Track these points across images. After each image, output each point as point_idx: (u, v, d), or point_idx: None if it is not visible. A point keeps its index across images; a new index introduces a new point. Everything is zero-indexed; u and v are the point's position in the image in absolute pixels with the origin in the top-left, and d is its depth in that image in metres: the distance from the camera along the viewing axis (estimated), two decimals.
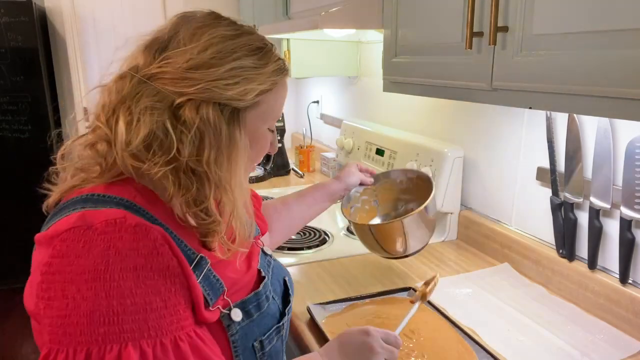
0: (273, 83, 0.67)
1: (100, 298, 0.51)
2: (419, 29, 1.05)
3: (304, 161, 2.30)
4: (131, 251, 0.53)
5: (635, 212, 0.92)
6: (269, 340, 0.70)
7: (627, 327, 0.94)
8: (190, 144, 0.58)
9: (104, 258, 0.52)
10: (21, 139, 2.87)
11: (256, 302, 0.69)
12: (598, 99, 0.65)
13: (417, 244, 1.09)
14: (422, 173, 1.18)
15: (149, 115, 0.58)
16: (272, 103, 0.69)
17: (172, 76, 0.60)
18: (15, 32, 2.72)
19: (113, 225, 0.54)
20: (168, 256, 0.56)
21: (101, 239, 0.53)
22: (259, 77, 0.64)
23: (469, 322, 0.98)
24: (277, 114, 0.72)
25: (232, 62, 0.62)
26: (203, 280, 0.61)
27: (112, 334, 0.51)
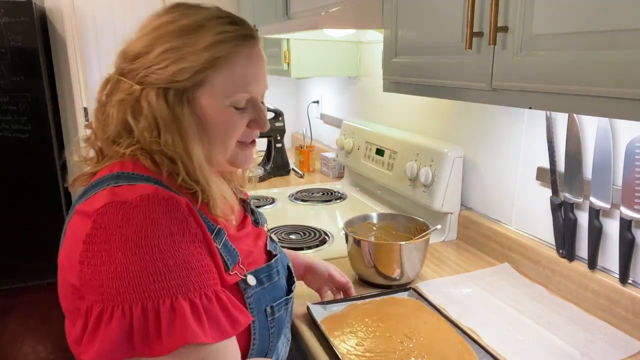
0: (212, 57, 0.66)
1: (145, 261, 0.58)
2: (419, 29, 1.05)
3: (304, 161, 2.30)
4: (165, 221, 0.60)
5: (635, 212, 0.92)
6: (278, 308, 0.77)
7: (627, 327, 0.94)
8: (149, 129, 0.66)
9: (143, 227, 0.59)
10: (21, 139, 2.87)
11: (267, 273, 0.77)
12: (598, 99, 0.65)
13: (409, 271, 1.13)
14: (426, 223, 1.20)
15: (117, 108, 0.67)
16: (226, 77, 0.68)
17: (128, 68, 0.68)
18: (15, 32, 2.72)
19: (147, 199, 0.61)
20: (195, 225, 0.64)
21: (137, 211, 0.60)
22: (190, 56, 0.66)
23: (469, 322, 0.98)
24: (239, 88, 0.70)
25: (161, 46, 0.66)
26: (223, 247, 0.69)
27: (162, 290, 0.58)
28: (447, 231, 1.42)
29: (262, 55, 0.74)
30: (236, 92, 0.70)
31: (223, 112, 0.70)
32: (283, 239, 1.44)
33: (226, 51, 0.67)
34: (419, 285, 1.13)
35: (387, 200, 1.72)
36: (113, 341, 0.56)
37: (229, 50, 0.68)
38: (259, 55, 0.73)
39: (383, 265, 1.10)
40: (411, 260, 1.11)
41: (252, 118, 0.74)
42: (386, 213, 1.34)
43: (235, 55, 0.68)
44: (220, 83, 0.68)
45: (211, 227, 0.68)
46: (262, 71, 0.74)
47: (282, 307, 0.78)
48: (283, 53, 1.96)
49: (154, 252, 0.58)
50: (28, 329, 2.66)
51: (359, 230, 1.24)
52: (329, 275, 1.04)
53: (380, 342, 0.90)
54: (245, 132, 0.74)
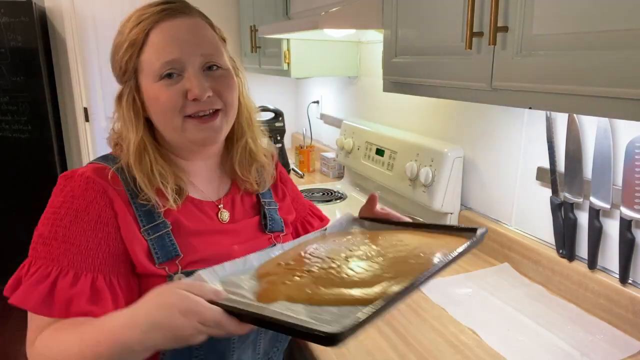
0: (133, 43, 0.73)
1: (47, 226, 0.69)
2: (419, 29, 1.05)
3: (304, 161, 2.30)
4: (78, 196, 0.70)
5: (635, 212, 0.92)
6: None
7: (627, 327, 0.94)
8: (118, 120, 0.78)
9: (64, 198, 0.70)
10: (21, 139, 2.86)
11: None
12: (598, 99, 0.65)
13: None
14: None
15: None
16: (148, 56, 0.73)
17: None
18: (15, 32, 2.72)
19: (79, 176, 0.71)
20: (103, 207, 0.70)
21: (69, 184, 0.71)
22: (121, 47, 0.74)
23: (469, 322, 0.98)
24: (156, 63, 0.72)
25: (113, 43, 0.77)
26: (157, 240, 0.73)
27: (43, 254, 0.68)
28: None
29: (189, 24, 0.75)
30: (156, 64, 0.73)
31: (157, 88, 0.73)
32: None
33: (141, 31, 0.73)
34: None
35: (387, 200, 1.72)
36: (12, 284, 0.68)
37: (144, 29, 0.73)
38: (182, 26, 0.74)
39: None
40: None
41: (187, 88, 0.73)
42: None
43: (152, 32, 0.73)
44: (147, 62, 0.73)
45: (153, 218, 0.73)
46: (188, 39, 0.74)
47: None
48: (283, 53, 1.96)
49: (56, 220, 0.69)
50: None
51: None
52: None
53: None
54: (186, 104, 0.74)
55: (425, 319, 1.01)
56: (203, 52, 0.74)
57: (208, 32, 0.78)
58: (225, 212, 0.84)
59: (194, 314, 0.52)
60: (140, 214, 0.73)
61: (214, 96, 0.75)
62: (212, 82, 0.75)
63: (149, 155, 0.75)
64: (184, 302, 0.53)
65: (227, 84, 0.78)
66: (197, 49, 0.74)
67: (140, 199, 0.73)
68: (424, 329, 0.97)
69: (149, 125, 0.79)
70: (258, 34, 1.91)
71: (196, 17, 0.77)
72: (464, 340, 0.93)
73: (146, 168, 0.74)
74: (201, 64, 0.75)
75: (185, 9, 0.76)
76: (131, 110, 0.75)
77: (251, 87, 0.90)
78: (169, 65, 0.72)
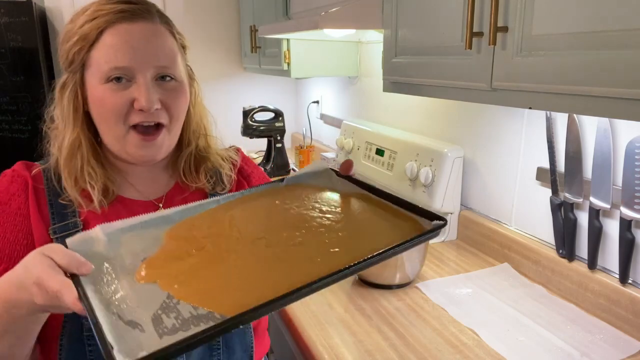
0: (83, 37, 0.70)
1: None
2: (419, 29, 1.05)
3: (304, 161, 2.30)
4: (4, 190, 0.73)
5: (635, 212, 0.92)
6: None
7: (627, 327, 0.94)
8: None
9: None
10: (21, 139, 2.86)
11: None
12: (598, 99, 0.65)
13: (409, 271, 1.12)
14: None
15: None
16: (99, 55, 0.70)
17: None
18: (15, 32, 2.72)
19: (10, 171, 0.75)
20: (24, 200, 0.72)
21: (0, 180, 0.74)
22: (71, 38, 0.71)
23: (469, 322, 0.98)
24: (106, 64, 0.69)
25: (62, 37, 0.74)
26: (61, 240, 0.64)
27: None
28: (447, 231, 1.42)
29: (146, 30, 0.71)
30: (106, 66, 0.69)
31: (103, 90, 0.70)
32: None
33: (94, 28, 0.69)
34: (419, 286, 1.14)
35: None
36: None
37: (98, 26, 0.69)
38: (137, 30, 0.70)
39: (383, 265, 1.10)
40: (411, 260, 1.11)
41: (134, 96, 0.70)
42: None
43: (107, 31, 0.69)
44: (96, 61, 0.70)
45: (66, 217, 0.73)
46: (141, 44, 0.70)
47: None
48: (283, 53, 1.96)
49: None
50: None
51: None
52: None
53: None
54: (131, 111, 0.71)
55: (425, 319, 1.01)
56: (157, 63, 0.71)
57: (167, 40, 0.74)
58: None
59: (38, 278, 0.52)
60: (53, 211, 0.73)
61: (162, 109, 0.72)
62: (161, 94, 0.72)
63: (82, 154, 0.74)
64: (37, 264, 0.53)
65: (177, 97, 0.74)
66: (151, 60, 0.71)
67: (62, 199, 0.73)
68: (424, 329, 0.97)
69: (88, 120, 0.75)
70: (258, 34, 1.91)
71: (156, 23, 0.73)
72: (464, 340, 0.93)
73: (75, 168, 0.73)
74: (153, 75, 0.72)
75: (145, 12, 0.72)
76: (71, 104, 0.73)
77: (251, 87, 0.90)
78: (118, 71, 0.69)
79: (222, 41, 2.58)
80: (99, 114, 0.72)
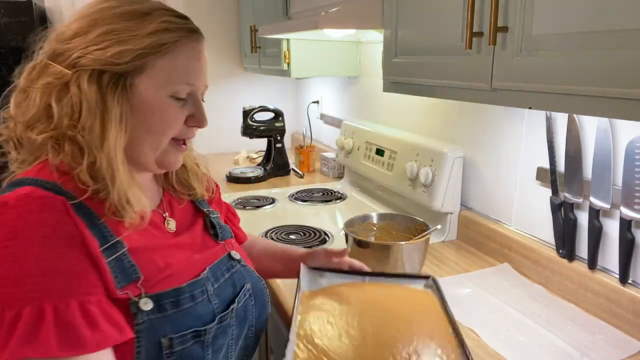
0: (156, 44, 0.65)
1: (7, 263, 0.55)
2: (419, 29, 1.05)
3: (304, 161, 2.30)
4: (39, 221, 0.57)
5: (635, 212, 0.92)
6: (181, 341, 0.66)
7: (627, 327, 0.94)
8: (70, 113, 0.63)
9: (13, 228, 0.56)
10: None
11: (174, 299, 0.67)
12: (598, 99, 0.65)
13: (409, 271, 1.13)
14: (426, 223, 1.20)
15: (41, 92, 0.64)
16: (168, 66, 0.67)
17: (60, 51, 0.65)
18: (15, 32, 2.72)
19: (23, 199, 0.58)
20: (71, 227, 0.59)
21: (12, 212, 0.57)
22: (134, 39, 0.64)
23: (469, 322, 0.98)
24: (180, 79, 0.68)
25: (102, 27, 0.64)
26: (115, 262, 0.62)
27: (14, 296, 0.54)
28: (447, 231, 1.42)
29: (205, 54, 0.73)
30: (177, 82, 0.68)
31: (162, 101, 0.68)
32: (283, 239, 1.44)
33: (171, 40, 0.66)
34: None
35: (387, 200, 1.72)
36: None
37: (174, 39, 0.67)
38: (203, 53, 0.72)
39: (383, 266, 1.10)
40: (411, 261, 1.11)
41: (191, 113, 0.71)
42: (386, 213, 1.34)
43: (179, 45, 0.67)
44: (161, 71, 0.66)
45: (107, 237, 0.63)
46: (204, 68, 0.72)
47: (190, 339, 0.67)
48: (283, 53, 1.96)
49: (18, 254, 0.55)
50: None
51: (359, 230, 1.24)
52: (325, 252, 0.95)
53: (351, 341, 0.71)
54: (182, 129, 0.72)
55: None
56: (206, 84, 0.74)
57: None
58: (171, 221, 0.78)
59: None
60: (95, 232, 0.62)
61: None
62: None
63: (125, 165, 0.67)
64: None
65: None
66: (205, 81, 0.73)
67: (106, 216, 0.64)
68: None
69: None
70: (258, 34, 1.91)
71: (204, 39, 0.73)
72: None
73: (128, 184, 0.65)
74: (202, 94, 0.74)
75: (199, 30, 0.72)
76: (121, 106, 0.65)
77: (251, 87, 0.90)
78: (189, 88, 0.70)
79: (222, 41, 2.58)
80: (152, 124, 0.68)
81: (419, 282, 0.92)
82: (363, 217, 1.27)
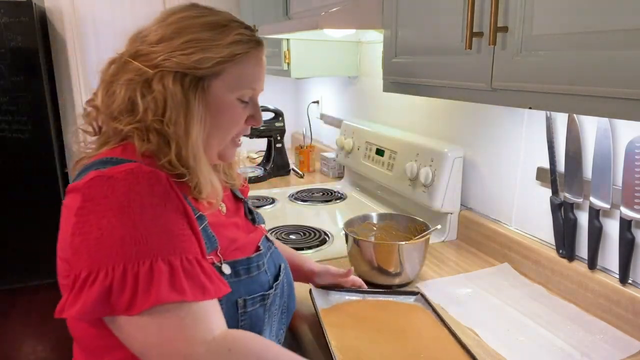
0: (232, 54, 0.74)
1: (128, 227, 0.61)
2: (419, 29, 1.05)
3: (304, 161, 2.30)
4: (147, 192, 0.64)
5: (635, 212, 0.92)
6: (252, 302, 0.77)
7: (627, 327, 0.94)
8: (155, 108, 0.70)
9: (126, 197, 0.63)
10: (21, 139, 2.87)
11: (247, 266, 0.78)
12: (598, 99, 0.65)
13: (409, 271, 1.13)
14: (425, 223, 1.20)
15: (126, 87, 0.71)
16: (239, 72, 0.76)
17: (144, 52, 0.72)
18: (15, 32, 2.72)
19: (131, 173, 0.64)
20: (176, 198, 0.67)
21: (122, 183, 0.63)
22: (215, 48, 0.73)
23: (469, 322, 0.98)
24: (246, 84, 0.77)
25: (188, 35, 0.72)
26: (203, 232, 0.71)
27: (143, 253, 0.61)
28: (447, 231, 1.42)
29: (265, 61, 0.82)
30: (244, 87, 0.77)
31: (231, 103, 0.77)
32: (283, 239, 1.44)
33: (244, 50, 0.75)
34: (419, 286, 1.14)
35: (387, 200, 1.72)
36: (94, 300, 0.59)
37: (246, 50, 0.75)
38: (264, 60, 0.81)
39: (383, 266, 1.10)
40: (411, 261, 1.11)
41: (251, 114, 0.81)
42: (386, 213, 1.34)
43: (249, 55, 0.76)
44: (233, 77, 0.75)
45: (195, 211, 0.71)
46: (264, 74, 0.81)
47: (257, 302, 0.78)
48: (283, 53, 1.96)
49: (137, 218, 0.62)
50: (28, 329, 2.66)
51: (359, 230, 1.24)
52: (332, 274, 1.05)
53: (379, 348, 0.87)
54: (242, 127, 0.81)
55: None
56: (263, 87, 0.82)
57: None
58: (223, 205, 0.86)
59: None
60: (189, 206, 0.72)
61: None
62: None
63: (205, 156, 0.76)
64: None
65: None
66: (263, 84, 0.82)
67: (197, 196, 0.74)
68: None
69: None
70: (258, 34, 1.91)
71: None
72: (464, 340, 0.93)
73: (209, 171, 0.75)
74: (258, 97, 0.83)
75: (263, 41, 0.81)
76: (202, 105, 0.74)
77: None
78: (251, 92, 0.79)
79: None
80: (221, 122, 0.77)
81: (410, 297, 1.05)
82: (363, 217, 1.27)
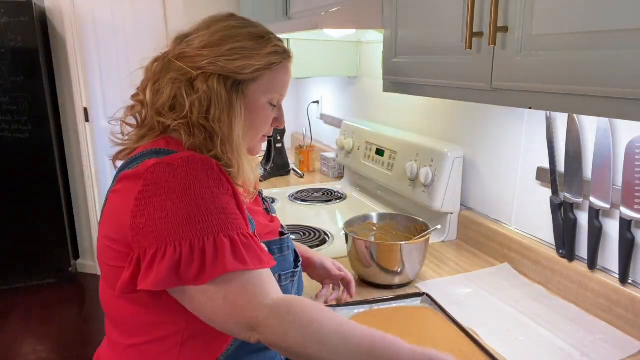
0: (269, 62, 0.82)
1: (191, 206, 0.69)
2: (419, 29, 1.05)
3: (304, 161, 2.31)
4: (204, 176, 0.72)
5: (635, 212, 0.92)
6: (285, 277, 0.87)
7: (627, 327, 0.94)
8: (199, 106, 0.77)
9: (186, 181, 0.70)
10: (21, 139, 2.87)
11: (279, 246, 0.88)
12: (598, 99, 0.65)
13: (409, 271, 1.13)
14: (426, 223, 1.20)
15: (171, 85, 0.78)
16: (272, 79, 0.84)
17: (190, 55, 0.79)
18: (15, 32, 2.73)
19: (187, 160, 0.72)
20: (227, 182, 0.74)
21: (181, 170, 0.71)
22: (256, 57, 0.80)
23: (469, 322, 0.98)
24: (277, 90, 0.86)
25: (233, 43, 0.80)
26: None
27: (206, 229, 0.68)
28: (447, 231, 1.42)
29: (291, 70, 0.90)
30: (275, 92, 0.86)
31: (263, 105, 0.85)
32: None
33: (278, 60, 0.84)
34: (419, 286, 1.14)
35: (387, 200, 1.72)
36: (165, 273, 0.66)
37: (280, 60, 0.84)
38: (291, 69, 0.89)
39: (383, 265, 1.10)
40: (411, 260, 1.11)
41: (276, 116, 0.89)
42: (386, 213, 1.34)
43: (282, 65, 0.85)
44: (267, 83, 0.83)
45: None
46: (289, 82, 0.90)
47: (289, 277, 0.88)
48: None
49: (197, 200, 0.69)
50: (28, 329, 2.66)
51: (359, 230, 1.24)
52: (324, 268, 1.07)
53: None
54: (269, 128, 0.90)
55: None
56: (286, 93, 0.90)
57: None
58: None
59: None
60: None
61: None
62: None
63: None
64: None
65: None
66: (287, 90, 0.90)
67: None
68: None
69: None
70: None
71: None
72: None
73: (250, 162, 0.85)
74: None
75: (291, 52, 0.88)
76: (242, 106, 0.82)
77: None
78: (279, 97, 0.87)
79: None
80: (254, 122, 0.85)
81: (416, 300, 1.06)
82: (363, 217, 1.27)
